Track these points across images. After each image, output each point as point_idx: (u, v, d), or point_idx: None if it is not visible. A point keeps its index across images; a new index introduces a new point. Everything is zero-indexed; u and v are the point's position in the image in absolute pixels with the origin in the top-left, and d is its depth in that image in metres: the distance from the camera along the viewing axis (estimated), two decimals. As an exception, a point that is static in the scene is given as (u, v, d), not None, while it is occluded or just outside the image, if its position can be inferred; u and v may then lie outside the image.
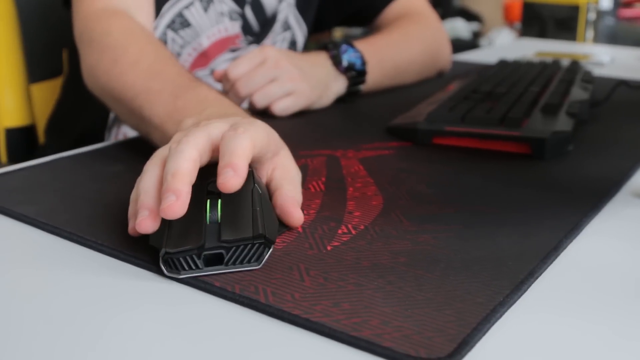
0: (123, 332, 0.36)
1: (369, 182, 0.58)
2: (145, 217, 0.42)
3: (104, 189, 0.56)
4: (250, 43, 0.94)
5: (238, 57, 0.81)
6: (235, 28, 0.92)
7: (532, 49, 1.39)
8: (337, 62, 0.83)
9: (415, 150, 0.67)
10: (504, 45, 1.87)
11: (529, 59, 1.17)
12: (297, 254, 0.44)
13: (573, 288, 0.41)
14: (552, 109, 0.71)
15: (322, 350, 0.34)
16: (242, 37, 0.93)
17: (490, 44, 3.20)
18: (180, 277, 0.41)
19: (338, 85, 0.84)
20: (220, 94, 0.61)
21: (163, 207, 0.40)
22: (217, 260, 0.41)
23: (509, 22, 3.49)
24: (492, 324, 0.36)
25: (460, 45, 2.90)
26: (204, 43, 0.90)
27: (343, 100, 0.86)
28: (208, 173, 0.46)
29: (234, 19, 0.91)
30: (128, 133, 0.89)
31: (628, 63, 1.23)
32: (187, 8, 0.88)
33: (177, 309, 0.38)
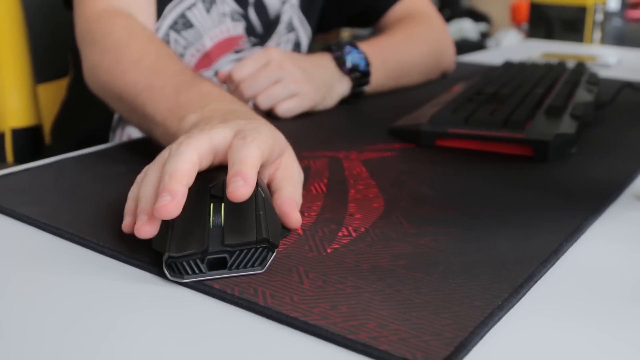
0: (122, 333, 0.36)
1: (371, 184, 0.58)
2: (144, 222, 0.42)
3: (107, 190, 0.56)
4: (254, 45, 0.94)
5: (242, 58, 0.81)
6: (238, 29, 0.92)
7: (538, 50, 1.38)
8: (341, 63, 0.83)
9: (418, 152, 0.67)
10: (511, 47, 1.87)
11: (535, 61, 1.17)
12: (297, 256, 0.44)
13: (572, 292, 0.41)
14: (555, 111, 0.70)
15: (319, 353, 0.34)
16: (245, 38, 0.93)
17: (497, 45, 3.20)
18: (184, 281, 0.41)
19: (342, 87, 0.84)
20: (223, 89, 0.61)
21: (157, 206, 0.40)
22: (220, 265, 0.41)
23: (517, 23, 3.48)
24: (489, 328, 0.36)
25: (467, 47, 2.90)
26: (207, 44, 0.90)
27: (347, 102, 0.86)
28: (210, 177, 0.46)
29: (236, 20, 0.91)
30: (132, 134, 0.89)
31: (635, 64, 1.23)
32: (189, 9, 0.88)
33: (176, 311, 0.38)
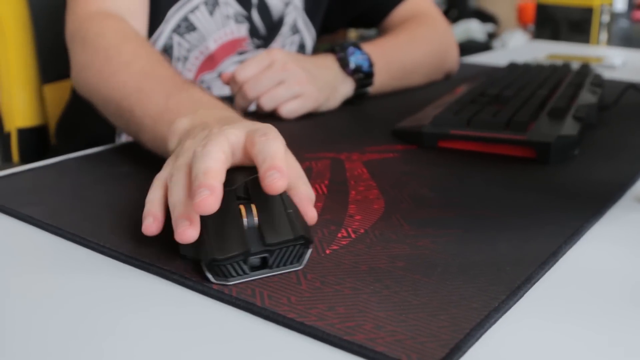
0: (122, 333, 0.36)
1: (372, 185, 0.58)
2: (187, 226, 0.41)
3: (110, 191, 0.56)
4: (258, 46, 0.94)
5: (245, 59, 0.81)
6: (242, 31, 0.92)
7: (544, 51, 1.38)
8: (344, 64, 0.83)
9: (420, 154, 0.67)
10: (517, 48, 1.86)
11: (539, 62, 1.17)
12: (295, 257, 0.44)
13: (569, 294, 0.41)
14: (558, 113, 0.70)
15: (315, 354, 0.34)
16: (249, 40, 0.93)
17: (503, 46, 3.19)
18: (229, 284, 0.41)
19: (345, 88, 0.84)
20: (214, 96, 0.61)
21: (196, 201, 0.39)
22: (259, 265, 0.42)
23: (523, 23, 3.47)
24: (485, 330, 0.36)
25: (474, 47, 2.89)
26: (211, 46, 0.90)
27: (350, 103, 0.86)
28: (228, 180, 0.46)
29: (240, 22, 0.91)
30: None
31: (641, 66, 1.22)
32: (192, 12, 0.88)
33: (174, 311, 0.39)
